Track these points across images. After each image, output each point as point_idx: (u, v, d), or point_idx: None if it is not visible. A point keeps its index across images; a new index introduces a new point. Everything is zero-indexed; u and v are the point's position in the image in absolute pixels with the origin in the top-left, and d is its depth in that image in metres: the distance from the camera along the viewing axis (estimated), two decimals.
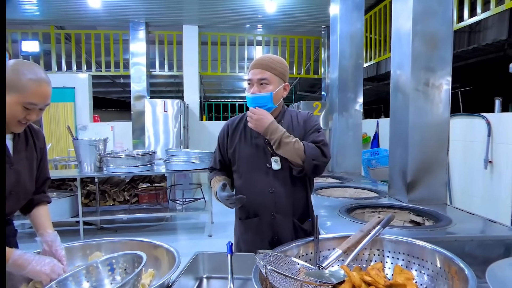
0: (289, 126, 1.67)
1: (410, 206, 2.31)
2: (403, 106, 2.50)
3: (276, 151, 1.59)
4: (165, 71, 8.40)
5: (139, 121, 7.58)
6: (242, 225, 1.70)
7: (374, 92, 10.50)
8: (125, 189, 5.17)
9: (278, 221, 1.63)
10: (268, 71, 1.60)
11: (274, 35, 8.68)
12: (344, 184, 3.23)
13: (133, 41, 7.80)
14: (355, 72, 4.11)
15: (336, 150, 4.02)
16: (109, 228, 5.09)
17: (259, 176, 1.63)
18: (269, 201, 1.62)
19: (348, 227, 1.89)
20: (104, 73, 8.31)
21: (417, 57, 2.41)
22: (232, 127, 1.74)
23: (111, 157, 4.40)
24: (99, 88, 10.96)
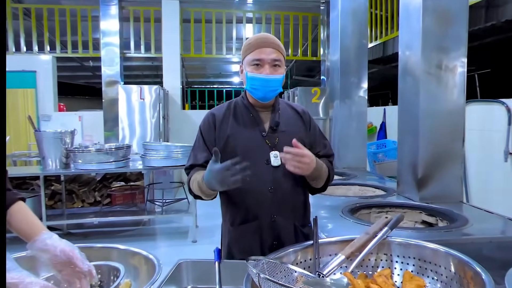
0: (288, 118, 1.69)
1: (421, 204, 2.34)
2: (413, 92, 2.52)
3: (309, 181, 1.64)
4: (142, 53, 8.31)
5: (111, 110, 7.50)
6: (236, 231, 1.66)
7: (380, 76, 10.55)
8: (96, 188, 5.13)
9: (278, 224, 1.63)
10: (278, 51, 1.61)
11: (266, 11, 8.63)
12: (347, 181, 3.25)
13: (104, 18, 7.69)
14: (359, 53, 4.12)
15: (338, 142, 4.03)
16: (78, 234, 5.05)
17: (256, 174, 1.59)
18: (268, 201, 1.61)
19: (352, 230, 1.90)
20: (71, 54, 8.19)
21: (428, 36, 2.42)
22: (220, 117, 1.69)
23: (80, 152, 4.36)
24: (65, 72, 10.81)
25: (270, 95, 1.64)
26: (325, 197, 2.72)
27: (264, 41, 1.60)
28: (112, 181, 5.29)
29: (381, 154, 4.94)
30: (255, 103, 1.68)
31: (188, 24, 8.27)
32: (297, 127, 1.69)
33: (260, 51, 1.59)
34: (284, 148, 1.48)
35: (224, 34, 8.33)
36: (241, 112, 1.69)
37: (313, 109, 6.66)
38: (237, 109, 1.71)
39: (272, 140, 1.63)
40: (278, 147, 1.62)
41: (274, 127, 1.65)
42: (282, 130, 1.65)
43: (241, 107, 1.70)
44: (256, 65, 1.60)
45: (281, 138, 1.64)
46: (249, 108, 1.68)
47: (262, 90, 1.61)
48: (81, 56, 8.66)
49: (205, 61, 10.60)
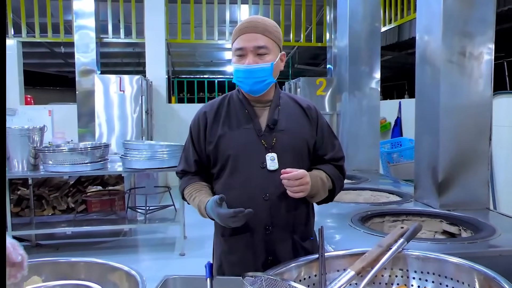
0: (289, 114, 1.68)
1: (442, 212, 2.34)
2: (433, 83, 2.52)
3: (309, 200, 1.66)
4: (121, 38, 8.29)
5: (86, 103, 7.48)
6: (227, 243, 1.68)
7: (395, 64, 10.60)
8: (69, 194, 5.12)
9: (274, 237, 1.62)
10: (265, 36, 1.59)
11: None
12: (357, 186, 3.26)
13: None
14: (371, 39, 4.13)
15: (347, 141, 4.04)
16: (48, 245, 5.03)
17: (250, 180, 1.61)
18: (263, 211, 1.59)
19: (363, 242, 1.90)
20: (39, 39, 8.16)
21: (449, 19, 2.42)
22: (211, 115, 1.68)
23: (50, 151, 4.34)
24: (33, 59, 10.79)
25: (258, 87, 1.62)
26: (332, 203, 2.67)
27: (246, 25, 1.60)
28: (87, 185, 5.27)
29: (396, 154, 4.95)
30: (250, 97, 1.68)
31: (174, 5, 8.26)
32: (299, 126, 1.68)
33: (242, 38, 1.59)
34: (281, 177, 1.50)
35: (216, 16, 8.32)
36: (235, 108, 1.68)
37: (318, 103, 6.66)
38: (231, 104, 1.70)
39: (269, 140, 1.62)
40: (275, 148, 1.61)
41: (271, 126, 1.63)
42: (280, 129, 1.64)
43: (236, 102, 1.69)
44: (239, 55, 1.60)
45: (279, 138, 1.63)
46: (244, 103, 1.67)
47: (247, 82, 1.61)
48: (51, 41, 8.63)
49: (194, 47, 10.59)
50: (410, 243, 1.33)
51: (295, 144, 1.65)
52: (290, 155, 1.63)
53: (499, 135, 4.10)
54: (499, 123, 4.08)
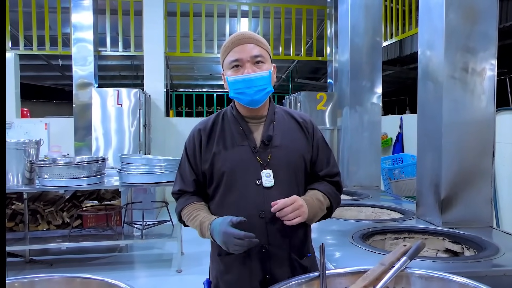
0: (285, 129, 1.69)
1: (444, 230, 2.34)
2: (435, 99, 2.54)
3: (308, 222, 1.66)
4: (119, 51, 8.33)
5: (83, 117, 7.50)
6: (223, 263, 1.67)
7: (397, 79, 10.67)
8: (65, 208, 5.09)
9: (271, 255, 1.62)
10: (259, 46, 1.62)
11: (265, 4, 8.71)
12: (358, 202, 3.26)
13: (75, 9, 7.72)
14: (372, 53, 4.16)
15: (348, 156, 4.05)
16: (43, 261, 4.99)
17: (245, 197, 1.61)
18: (259, 229, 1.58)
19: (364, 259, 1.90)
20: (36, 52, 8.20)
21: (452, 34, 2.45)
22: (206, 133, 1.69)
23: (46, 165, 4.34)
24: (30, 72, 10.85)
25: (259, 97, 1.61)
26: (332, 220, 2.73)
27: (240, 38, 1.62)
28: (83, 199, 5.25)
29: (397, 171, 4.96)
30: (245, 113, 1.69)
31: (173, 18, 8.33)
32: (295, 141, 1.68)
33: (236, 50, 1.61)
34: (272, 210, 1.52)
35: (215, 29, 8.39)
36: (229, 125, 1.68)
37: (319, 118, 6.69)
38: (225, 121, 1.70)
39: (264, 156, 1.63)
40: (271, 165, 1.62)
41: (266, 142, 1.64)
42: (276, 145, 1.64)
43: (230, 119, 1.70)
44: (235, 67, 1.61)
45: (274, 154, 1.63)
46: (238, 119, 1.68)
47: (248, 93, 1.60)
48: (48, 54, 8.67)
49: (193, 60, 10.65)
50: (412, 262, 1.32)
51: (291, 160, 1.66)
52: (286, 171, 1.64)
53: (502, 152, 4.12)
54: (502, 140, 4.10)
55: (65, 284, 1.42)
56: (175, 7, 8.26)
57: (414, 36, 7.13)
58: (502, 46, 2.55)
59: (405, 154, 5.67)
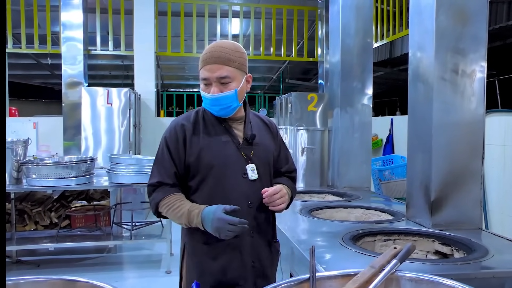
0: (259, 130, 1.89)
1: (434, 232, 2.34)
2: (425, 100, 2.54)
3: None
4: (109, 50, 8.28)
5: (72, 116, 7.43)
6: (211, 251, 1.76)
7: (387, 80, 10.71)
8: (53, 208, 5.05)
9: (257, 241, 1.81)
10: (227, 66, 1.73)
11: (256, 5, 8.70)
12: (348, 203, 3.26)
13: (65, 8, 7.65)
14: (363, 55, 4.17)
15: (338, 158, 4.05)
16: (29, 262, 4.96)
17: (235, 189, 1.77)
18: (247, 217, 1.71)
19: (354, 261, 1.89)
20: (25, 50, 8.13)
21: (442, 35, 2.46)
22: (190, 128, 1.81)
23: (34, 165, 4.31)
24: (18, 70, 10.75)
25: (224, 113, 1.80)
26: (322, 221, 2.72)
27: (210, 56, 1.74)
28: (72, 200, 5.22)
29: (388, 172, 4.96)
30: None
31: (164, 18, 8.30)
32: (267, 140, 1.92)
33: (206, 68, 1.75)
34: (263, 195, 1.75)
35: (206, 29, 8.37)
36: (212, 123, 1.83)
37: (309, 119, 6.67)
38: (206, 119, 1.84)
39: (248, 152, 1.81)
40: (253, 160, 1.81)
41: (250, 140, 1.82)
42: (256, 143, 1.84)
43: (211, 117, 1.84)
44: (205, 84, 1.77)
45: (255, 151, 1.83)
46: (220, 119, 1.83)
47: (214, 109, 1.79)
48: (37, 52, 8.59)
49: (184, 60, 10.61)
50: (403, 264, 1.31)
51: (267, 156, 1.89)
52: (264, 166, 1.86)
53: (491, 153, 4.15)
54: (491, 142, 4.13)
55: (53, 286, 1.40)
56: (166, 7, 8.23)
57: (405, 37, 7.17)
58: (491, 48, 2.56)
59: (396, 155, 5.68)
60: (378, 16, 7.42)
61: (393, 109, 12.24)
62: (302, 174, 4.26)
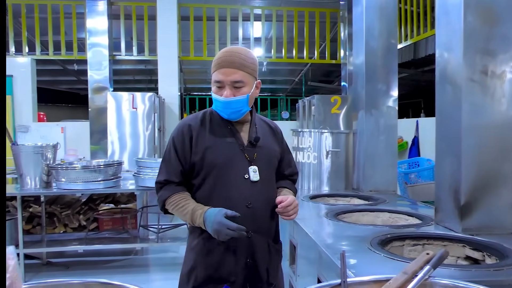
0: (264, 133, 1.96)
1: (464, 236, 2.29)
2: (454, 102, 2.50)
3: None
4: (134, 55, 8.39)
5: (99, 120, 7.56)
6: (207, 245, 1.83)
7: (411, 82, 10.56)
8: (81, 211, 5.13)
9: (254, 241, 1.84)
10: (241, 70, 1.79)
11: (278, 7, 8.70)
12: (374, 207, 3.22)
13: (90, 15, 7.80)
14: (387, 56, 4.12)
15: (363, 161, 4.01)
16: (59, 264, 5.05)
17: (235, 189, 1.82)
18: (246, 218, 1.77)
19: (384, 266, 1.87)
20: (52, 56, 8.30)
21: (470, 36, 2.41)
22: (196, 128, 1.87)
23: (63, 169, 4.38)
24: (45, 76, 10.96)
25: (235, 116, 1.86)
26: (348, 225, 2.70)
27: (224, 60, 1.79)
28: (99, 203, 5.29)
29: (414, 175, 4.89)
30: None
31: (187, 22, 8.37)
32: (272, 143, 1.98)
33: (220, 72, 1.79)
34: (279, 206, 1.83)
35: (228, 33, 8.40)
36: (218, 124, 1.89)
37: (333, 121, 6.63)
38: (213, 120, 1.91)
39: (251, 154, 1.86)
40: (256, 162, 1.86)
41: (254, 142, 1.88)
42: (260, 145, 1.90)
43: (218, 119, 1.90)
44: (218, 87, 1.82)
45: (259, 153, 1.88)
46: (226, 120, 1.89)
47: (225, 112, 1.84)
48: (64, 59, 8.77)
49: (206, 64, 10.62)
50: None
51: (271, 159, 1.95)
52: (267, 169, 1.91)
53: None
54: None
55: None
56: (189, 12, 8.30)
57: (429, 38, 7.06)
58: None
59: (422, 158, 5.60)
60: (401, 17, 7.33)
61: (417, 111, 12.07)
62: (327, 177, 4.23)
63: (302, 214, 3.19)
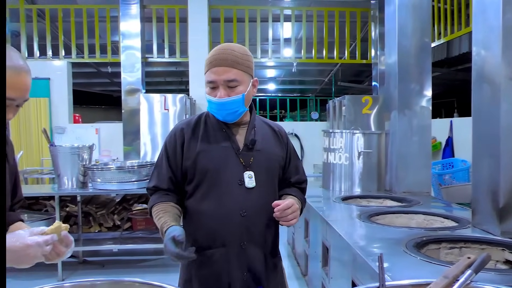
0: (264, 136, 1.80)
1: (504, 240, 2.24)
2: (492, 101, 2.44)
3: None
4: (165, 57, 8.49)
5: (131, 122, 7.67)
6: (199, 257, 1.66)
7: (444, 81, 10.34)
8: (115, 211, 5.23)
9: (248, 253, 1.70)
10: (234, 68, 1.66)
11: (307, 8, 8.66)
12: (408, 209, 3.18)
13: (124, 18, 7.93)
14: (421, 55, 4.07)
15: (396, 162, 3.95)
16: (94, 262, 5.15)
17: (228, 196, 1.69)
18: (239, 227, 1.68)
19: (421, 270, 1.84)
20: (87, 60, 8.49)
21: (509, 33, 2.35)
22: (189, 132, 1.76)
23: (99, 169, 4.47)
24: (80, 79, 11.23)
25: (231, 118, 1.73)
26: (382, 227, 2.67)
27: (216, 58, 1.67)
28: (133, 203, 5.37)
29: (448, 176, 4.79)
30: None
31: (217, 24, 8.42)
32: (273, 147, 1.81)
33: (213, 71, 1.67)
34: (275, 210, 1.63)
35: (258, 34, 8.40)
36: (213, 127, 1.76)
37: (364, 122, 6.55)
38: (208, 123, 1.78)
39: (247, 159, 1.72)
40: (252, 167, 1.72)
41: (249, 146, 1.73)
42: (257, 149, 1.74)
43: (213, 121, 1.77)
44: (211, 89, 1.70)
45: (256, 157, 1.73)
46: (221, 123, 1.76)
47: (219, 114, 1.72)
48: (98, 61, 8.95)
49: None
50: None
51: (270, 164, 1.78)
52: (265, 174, 1.75)
53: None
54: None
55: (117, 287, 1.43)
56: (219, 13, 8.35)
57: (463, 36, 6.90)
58: None
59: (456, 159, 5.47)
60: (434, 15, 7.18)
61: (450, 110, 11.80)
62: (359, 179, 4.19)
63: (334, 215, 3.19)
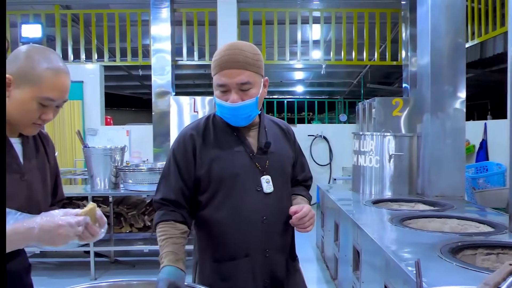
0: (275, 136, 1.71)
1: None
2: None
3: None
4: (195, 60, 8.57)
5: (161, 124, 7.77)
6: (220, 269, 1.61)
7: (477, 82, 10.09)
8: (146, 212, 5.29)
9: (272, 260, 1.63)
10: (247, 70, 1.56)
11: (337, 9, 8.59)
12: (441, 213, 3.12)
13: (154, 22, 8.05)
14: (454, 56, 4.00)
15: (429, 165, 3.88)
16: (126, 262, 5.24)
17: (247, 202, 1.60)
18: (262, 234, 1.60)
19: (457, 275, 1.80)
20: (119, 63, 8.67)
21: None
22: (199, 138, 1.64)
23: (130, 171, 4.54)
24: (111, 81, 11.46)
25: (244, 123, 1.63)
26: (415, 232, 2.62)
27: (227, 60, 1.55)
28: None
29: (482, 180, 4.66)
30: None
31: (246, 27, 8.46)
32: (285, 147, 1.74)
33: (224, 73, 1.55)
34: (293, 217, 1.57)
35: (287, 36, 8.40)
36: (223, 131, 1.66)
37: (394, 124, 6.46)
38: (217, 127, 1.67)
39: (262, 162, 1.63)
40: (268, 170, 1.63)
41: (264, 148, 1.64)
42: (271, 151, 1.66)
43: (222, 125, 1.67)
44: (222, 92, 1.58)
45: (271, 160, 1.65)
46: (231, 126, 1.65)
47: (232, 119, 1.61)
48: (129, 65, 9.11)
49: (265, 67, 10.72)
50: None
51: (284, 166, 1.71)
52: (281, 177, 1.68)
53: None
54: None
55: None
56: (248, 16, 8.38)
57: (497, 37, 6.72)
58: None
59: (490, 162, 5.32)
60: (468, 15, 7.02)
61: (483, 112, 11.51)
62: (390, 182, 4.13)
63: (365, 219, 3.15)
